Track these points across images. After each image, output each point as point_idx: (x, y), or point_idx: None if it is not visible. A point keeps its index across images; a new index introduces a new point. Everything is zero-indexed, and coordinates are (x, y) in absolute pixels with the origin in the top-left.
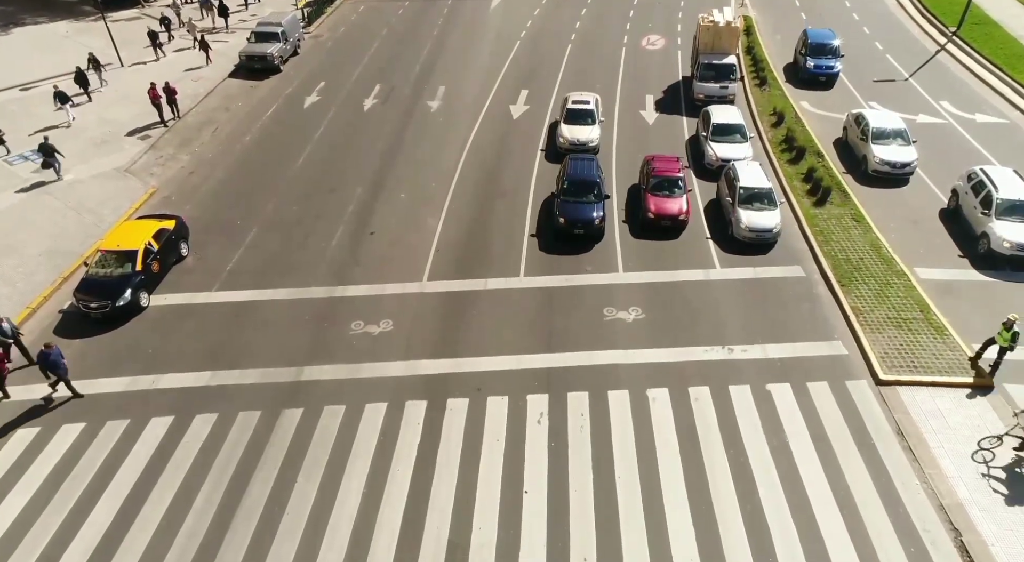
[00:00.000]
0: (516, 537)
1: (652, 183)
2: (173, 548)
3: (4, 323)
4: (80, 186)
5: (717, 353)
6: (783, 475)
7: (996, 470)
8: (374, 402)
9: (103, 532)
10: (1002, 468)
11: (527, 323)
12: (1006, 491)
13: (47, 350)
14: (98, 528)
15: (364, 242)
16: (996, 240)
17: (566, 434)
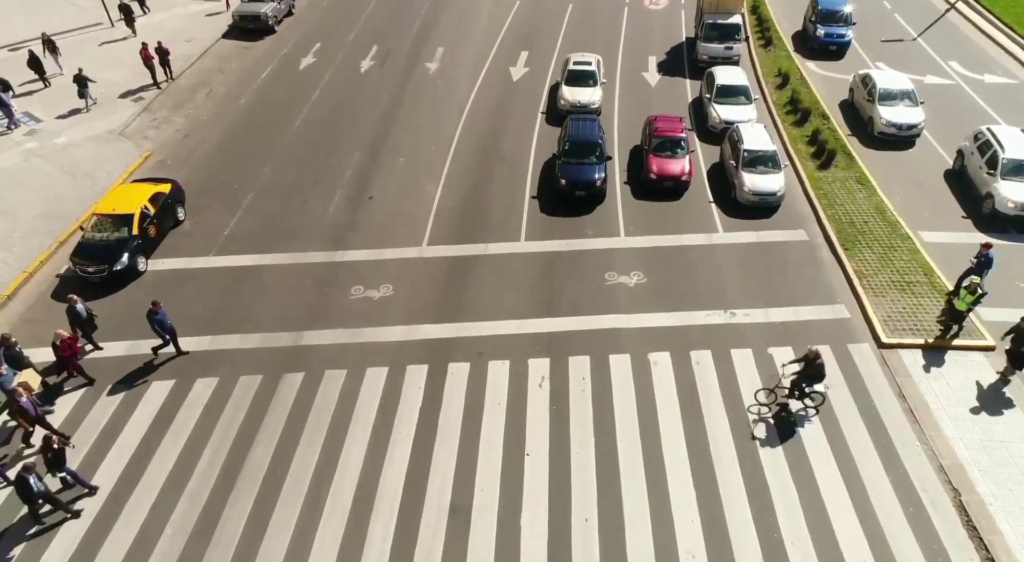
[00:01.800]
0: (518, 499)
1: (654, 144)
2: (176, 511)
3: (79, 304)
4: (73, 149)
5: (719, 317)
6: (784, 437)
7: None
8: (375, 366)
9: (107, 494)
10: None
11: (528, 288)
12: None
13: (155, 308)
14: (101, 490)
15: (363, 207)
16: (1001, 200)
17: (567, 398)
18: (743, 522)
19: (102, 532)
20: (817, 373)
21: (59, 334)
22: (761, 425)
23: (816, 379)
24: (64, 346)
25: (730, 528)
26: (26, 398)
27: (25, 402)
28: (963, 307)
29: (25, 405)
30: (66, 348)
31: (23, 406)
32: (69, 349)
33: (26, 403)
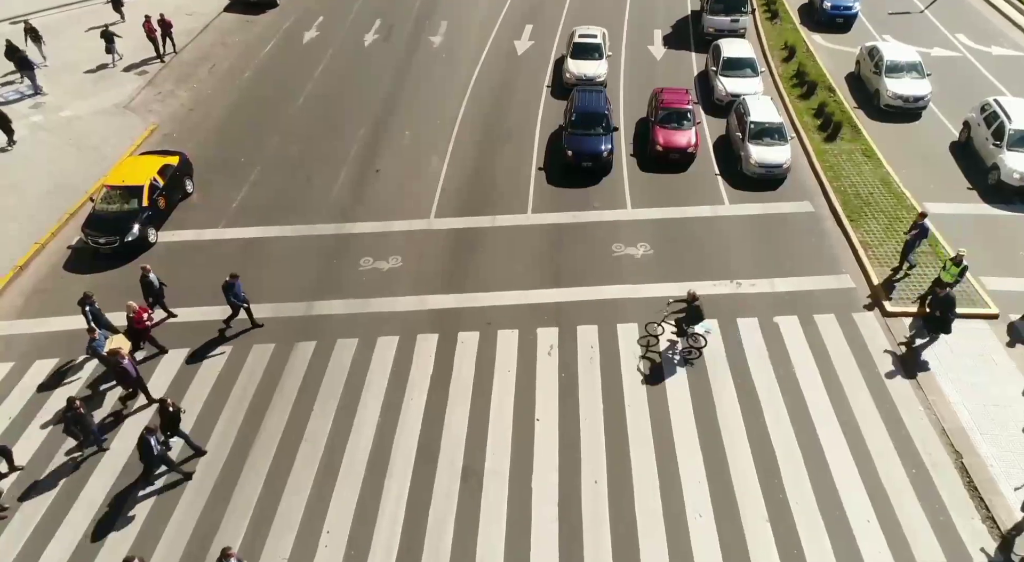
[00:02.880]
0: (529, 462)
1: (661, 115)
2: (193, 478)
3: (151, 274)
4: (79, 122)
5: (725, 287)
6: (789, 402)
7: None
8: (386, 335)
9: (123, 463)
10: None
11: (536, 259)
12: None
13: (232, 280)
14: (118, 457)
15: (369, 180)
16: (1007, 171)
17: (576, 365)
18: (749, 483)
19: (121, 497)
20: (695, 315)
21: (131, 306)
22: (769, 392)
23: (694, 320)
24: (137, 318)
25: (736, 489)
26: (128, 361)
27: (127, 364)
28: (950, 279)
29: (127, 367)
30: (140, 320)
31: (125, 368)
32: (142, 321)
33: (128, 365)
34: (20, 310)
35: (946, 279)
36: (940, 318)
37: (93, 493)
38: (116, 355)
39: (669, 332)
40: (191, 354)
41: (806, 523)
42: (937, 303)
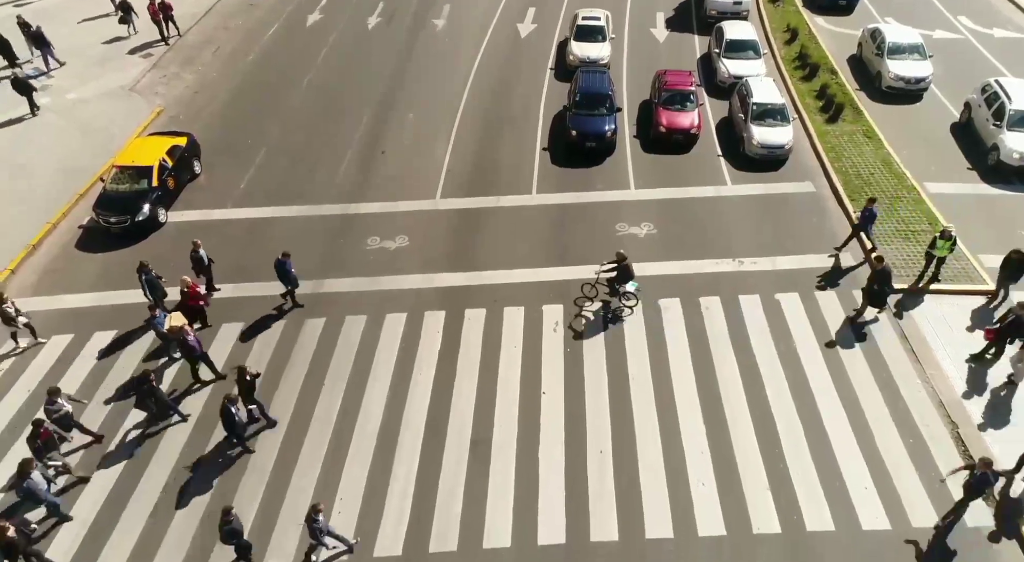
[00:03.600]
0: (535, 434)
1: (664, 97)
2: (207, 449)
3: (201, 250)
4: (85, 105)
5: (727, 265)
6: (790, 376)
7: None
8: (394, 312)
9: (142, 432)
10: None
11: (541, 238)
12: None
13: (284, 258)
14: (138, 427)
15: (375, 161)
16: (1006, 151)
17: (582, 340)
18: (750, 453)
19: (138, 469)
20: (625, 274)
21: (185, 280)
22: (770, 366)
23: (624, 280)
24: (192, 292)
25: (738, 459)
26: (193, 336)
27: (192, 340)
28: (943, 253)
29: (192, 343)
30: (195, 294)
31: (190, 344)
32: (197, 296)
33: (193, 341)
34: (34, 287)
35: (940, 254)
36: (878, 291)
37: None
38: (179, 332)
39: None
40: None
41: (806, 491)
42: (875, 276)
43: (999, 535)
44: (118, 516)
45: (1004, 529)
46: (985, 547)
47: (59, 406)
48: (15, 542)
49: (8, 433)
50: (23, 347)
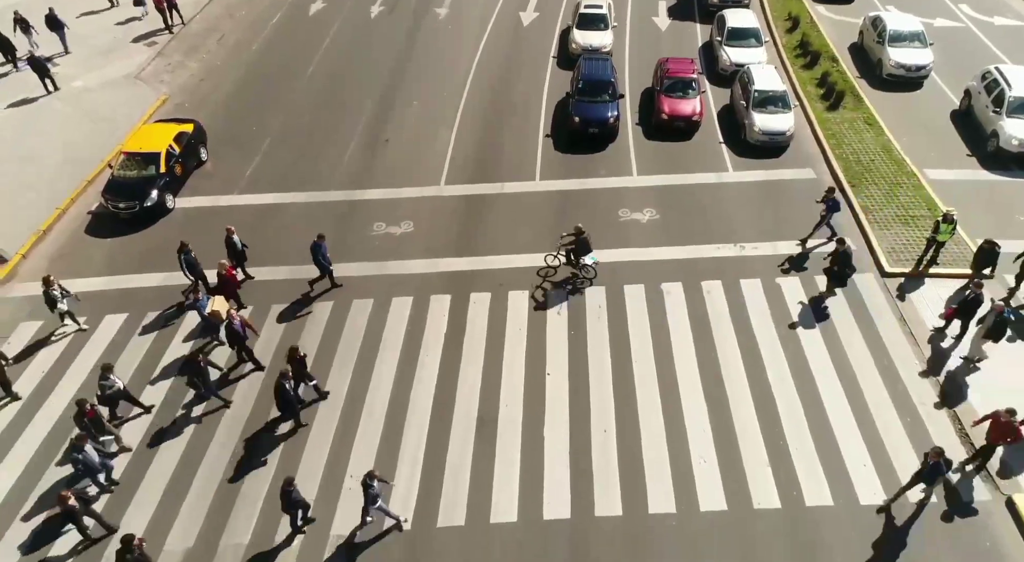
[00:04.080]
0: (540, 413)
1: (666, 84)
2: (216, 434)
3: (235, 236)
4: (90, 94)
5: (729, 250)
6: (791, 358)
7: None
8: (400, 296)
9: (152, 415)
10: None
11: (544, 224)
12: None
13: (319, 241)
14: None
15: (379, 149)
16: (1005, 138)
17: (585, 324)
18: (751, 431)
19: (151, 449)
20: (583, 247)
21: (222, 264)
22: (771, 347)
23: (583, 252)
24: (229, 275)
25: (739, 437)
26: (239, 321)
27: (238, 325)
28: (946, 238)
29: (237, 328)
30: (232, 277)
31: (235, 329)
32: (233, 279)
33: (238, 326)
34: (46, 272)
35: (943, 239)
36: (838, 273)
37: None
38: (224, 317)
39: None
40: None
41: (805, 467)
42: (837, 258)
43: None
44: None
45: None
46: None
47: (112, 382)
48: (75, 510)
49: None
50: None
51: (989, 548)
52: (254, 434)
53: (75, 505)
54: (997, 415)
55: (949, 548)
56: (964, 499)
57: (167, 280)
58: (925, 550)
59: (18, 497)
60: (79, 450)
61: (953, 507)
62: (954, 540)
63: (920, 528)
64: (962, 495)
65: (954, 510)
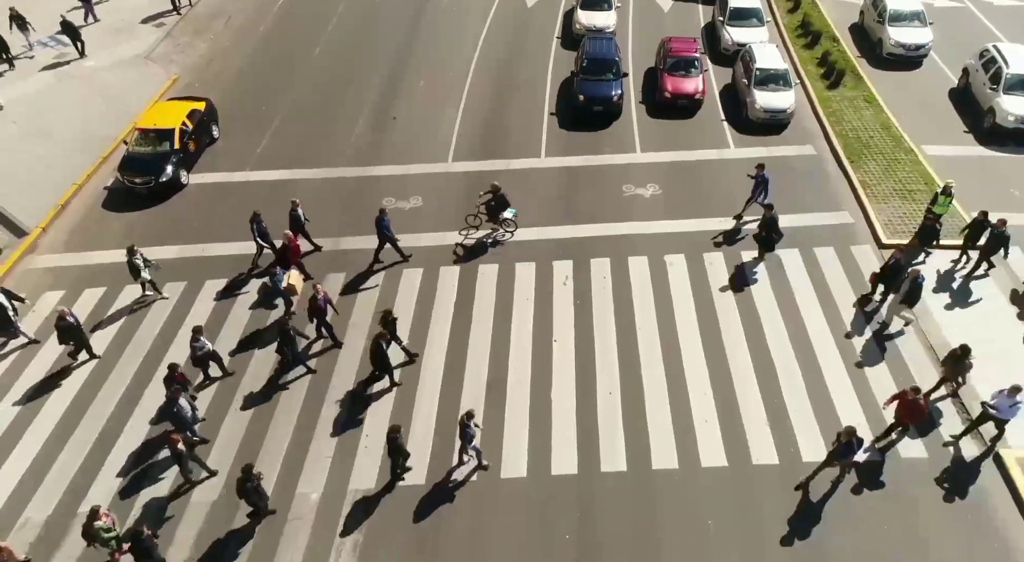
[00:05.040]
0: (548, 376)
1: (669, 63)
2: (237, 392)
3: (299, 209)
4: (102, 73)
5: (730, 224)
6: (789, 324)
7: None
8: (410, 268)
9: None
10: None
11: (550, 199)
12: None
13: (381, 215)
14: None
15: (387, 128)
16: (1002, 114)
17: (590, 293)
18: (751, 393)
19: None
20: (501, 202)
21: (287, 234)
22: (770, 315)
23: (501, 208)
24: (293, 246)
25: (739, 398)
26: (323, 296)
27: (322, 300)
28: (943, 210)
29: (322, 302)
30: (296, 249)
31: (319, 303)
32: (297, 250)
33: (322, 300)
34: (65, 244)
35: (940, 211)
36: (766, 237)
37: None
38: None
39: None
40: (227, 285)
41: (802, 426)
42: (763, 224)
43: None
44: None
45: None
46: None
47: (202, 343)
48: (183, 453)
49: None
50: (156, 296)
51: (978, 501)
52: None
53: (183, 449)
54: (904, 394)
55: (936, 499)
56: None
57: (182, 252)
58: (919, 506)
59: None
60: (174, 403)
61: (935, 459)
62: (942, 493)
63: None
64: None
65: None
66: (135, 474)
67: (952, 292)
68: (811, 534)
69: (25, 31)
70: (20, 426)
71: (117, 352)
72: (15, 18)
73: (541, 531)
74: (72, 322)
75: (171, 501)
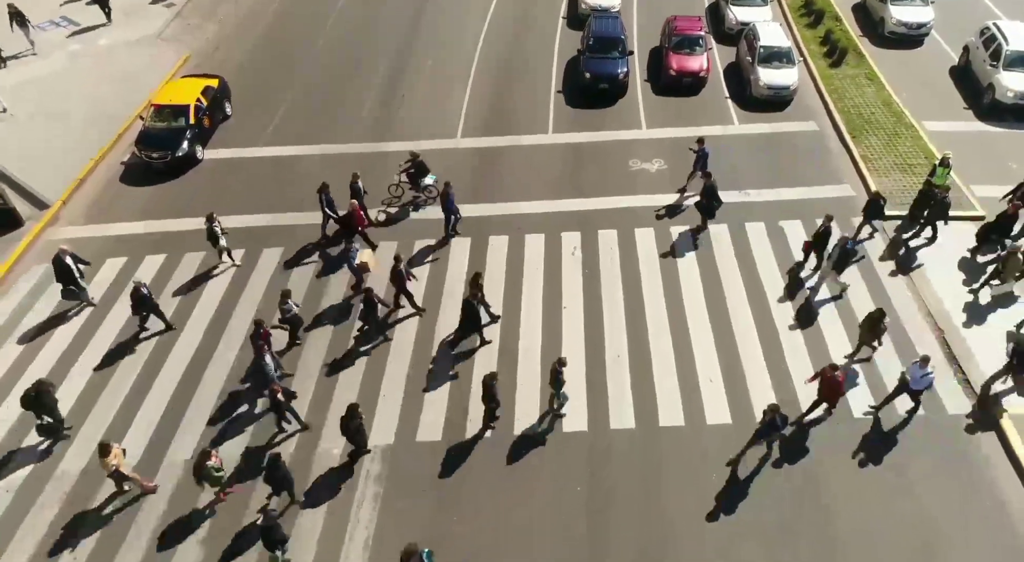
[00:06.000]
0: (558, 341)
1: (674, 41)
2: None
3: (359, 181)
4: (114, 53)
5: (734, 197)
6: (792, 292)
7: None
8: (423, 239)
9: (193, 351)
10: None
11: (558, 173)
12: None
13: (447, 188)
14: (188, 346)
15: (396, 105)
16: (1001, 90)
17: (598, 263)
18: (754, 355)
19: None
20: (421, 169)
21: (353, 203)
22: (773, 282)
23: (422, 174)
24: (357, 215)
25: (743, 361)
26: (402, 266)
27: (404, 268)
28: (942, 181)
29: (401, 273)
30: (361, 219)
31: (400, 271)
32: (362, 219)
33: (404, 269)
34: (85, 217)
35: (938, 182)
36: (707, 205)
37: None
38: (371, 268)
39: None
40: (245, 254)
41: (803, 386)
42: (704, 191)
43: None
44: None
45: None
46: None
47: (290, 307)
48: (281, 402)
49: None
50: (231, 263)
51: (967, 450)
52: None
53: (282, 398)
54: (824, 371)
55: (928, 451)
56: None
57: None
58: (914, 456)
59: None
60: (261, 358)
61: (932, 415)
62: (933, 444)
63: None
64: (946, 406)
65: (933, 418)
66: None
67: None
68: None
69: (25, 28)
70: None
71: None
72: (14, 15)
73: (553, 483)
74: (146, 293)
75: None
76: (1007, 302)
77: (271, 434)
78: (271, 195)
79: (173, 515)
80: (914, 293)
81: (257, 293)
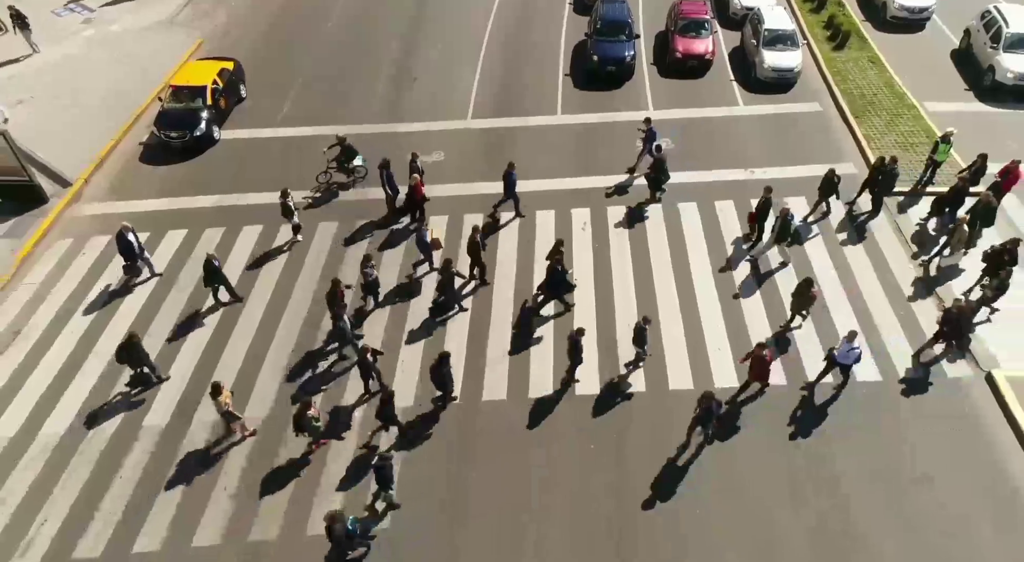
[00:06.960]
0: (570, 315)
1: (680, 25)
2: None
3: (417, 160)
4: (127, 38)
5: (739, 174)
6: (798, 267)
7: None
8: (436, 215)
9: (217, 322)
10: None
11: (566, 153)
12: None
13: (510, 169)
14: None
15: (407, 88)
16: (1001, 71)
17: (607, 238)
18: (760, 324)
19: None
20: (349, 152)
21: (415, 177)
22: (773, 255)
23: (350, 157)
24: (418, 190)
25: (749, 328)
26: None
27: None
28: (944, 158)
29: (478, 244)
30: (419, 193)
31: (476, 244)
32: (420, 194)
33: (478, 244)
34: (107, 194)
35: (940, 159)
36: (655, 178)
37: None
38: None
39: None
40: (263, 230)
41: (807, 351)
42: (653, 166)
43: None
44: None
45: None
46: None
47: (371, 271)
48: (371, 364)
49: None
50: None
51: (968, 413)
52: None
53: (371, 359)
54: (754, 351)
55: (934, 416)
56: (947, 375)
57: (220, 201)
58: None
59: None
60: (340, 319)
61: (935, 380)
62: (937, 409)
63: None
64: (946, 372)
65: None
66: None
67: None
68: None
69: (26, 30)
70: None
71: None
72: (15, 17)
73: (567, 442)
74: (217, 265)
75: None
76: (953, 273)
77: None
78: (287, 173)
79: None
80: (915, 264)
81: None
